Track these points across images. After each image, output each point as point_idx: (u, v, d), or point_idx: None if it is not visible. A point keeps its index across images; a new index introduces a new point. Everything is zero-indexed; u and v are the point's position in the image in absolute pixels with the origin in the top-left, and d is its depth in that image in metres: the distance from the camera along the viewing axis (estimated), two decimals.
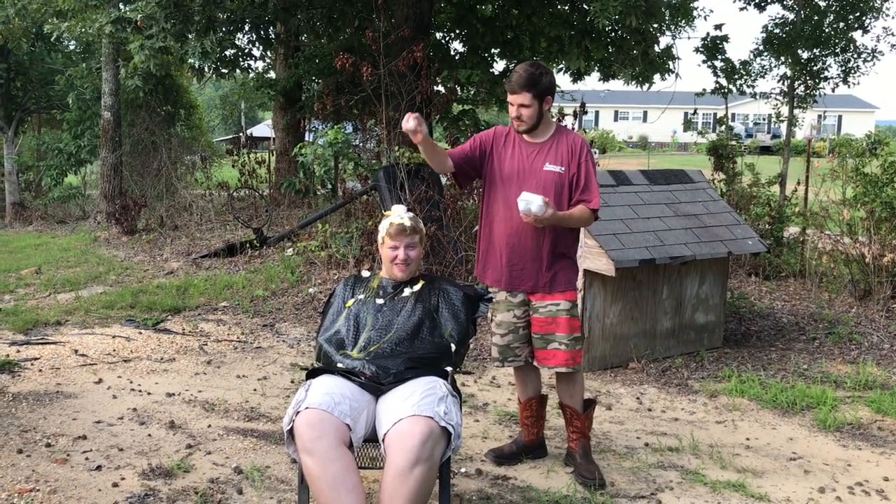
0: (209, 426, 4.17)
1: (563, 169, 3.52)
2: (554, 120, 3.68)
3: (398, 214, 3.33)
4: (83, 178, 16.30)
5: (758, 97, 10.53)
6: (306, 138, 14.33)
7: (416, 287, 3.29)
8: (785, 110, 10.24)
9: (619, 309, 5.36)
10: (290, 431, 2.68)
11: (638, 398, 4.85)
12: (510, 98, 3.51)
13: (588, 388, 4.99)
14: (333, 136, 8.02)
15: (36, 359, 5.30)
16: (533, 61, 3.58)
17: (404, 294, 3.27)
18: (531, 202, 3.31)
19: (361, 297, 3.29)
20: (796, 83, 10.07)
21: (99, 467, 3.60)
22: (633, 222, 5.35)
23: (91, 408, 4.40)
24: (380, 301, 3.25)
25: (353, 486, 2.53)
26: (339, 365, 2.99)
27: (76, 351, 5.49)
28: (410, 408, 2.67)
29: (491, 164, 3.61)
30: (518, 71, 3.49)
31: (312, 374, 2.95)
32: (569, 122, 9.42)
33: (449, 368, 3.03)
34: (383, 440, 2.66)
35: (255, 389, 4.84)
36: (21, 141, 16.54)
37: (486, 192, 3.64)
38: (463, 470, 3.68)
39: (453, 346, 3.11)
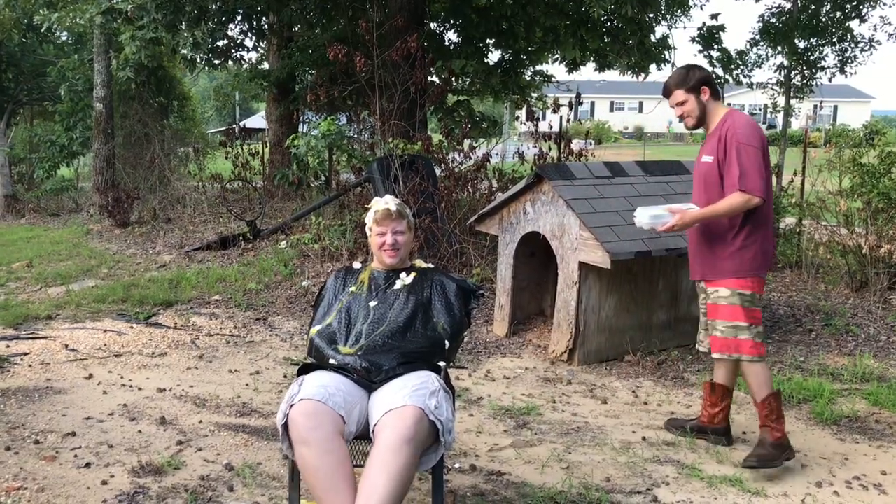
0: (200, 422, 4.13)
1: (712, 159, 3.61)
2: (725, 107, 3.72)
3: (384, 201, 3.30)
4: (76, 170, 16.19)
5: (754, 87, 10.48)
6: (300, 130, 14.25)
7: (409, 279, 3.25)
8: (781, 100, 10.21)
9: (615, 301, 5.32)
10: (284, 426, 2.63)
11: (634, 391, 4.82)
12: (669, 103, 3.74)
13: (583, 382, 4.96)
14: (327, 127, 7.96)
15: (26, 354, 5.24)
16: (684, 66, 3.76)
17: (396, 286, 3.23)
18: (640, 221, 3.63)
19: (353, 289, 3.25)
20: (793, 73, 10.03)
21: (88, 465, 3.55)
22: (629, 214, 5.28)
23: (81, 403, 4.35)
24: (372, 293, 3.21)
25: (348, 476, 2.50)
26: (332, 361, 2.95)
27: (66, 346, 5.44)
28: (401, 399, 2.64)
29: None
30: (667, 78, 3.75)
31: (304, 370, 2.90)
32: (564, 112, 9.38)
33: (442, 364, 2.99)
34: (373, 430, 2.63)
35: (247, 384, 4.80)
36: (13, 133, 16.43)
37: None
38: (457, 465, 3.65)
39: (447, 342, 3.07)
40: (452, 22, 12.23)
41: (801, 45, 9.95)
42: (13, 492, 3.26)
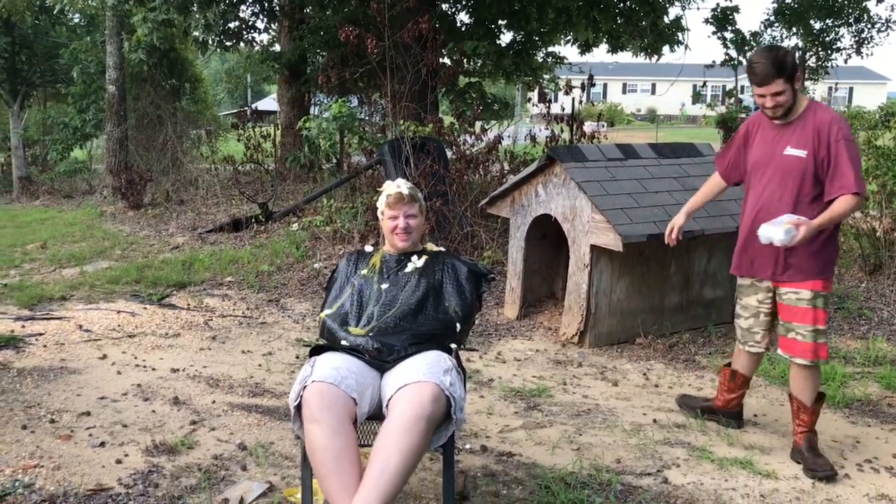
0: (213, 402, 4.16)
1: (805, 153, 3.33)
2: (806, 96, 3.48)
3: (396, 184, 3.29)
4: (89, 152, 16.27)
5: None
6: (311, 112, 14.23)
7: (420, 262, 3.25)
8: None
9: (627, 284, 5.31)
10: (297, 407, 2.65)
11: (645, 374, 4.82)
12: (759, 90, 3.35)
13: (594, 364, 4.97)
14: (338, 109, 7.95)
15: (41, 334, 5.29)
16: (767, 45, 3.47)
17: (408, 269, 3.23)
18: (771, 237, 3.23)
19: (365, 272, 3.25)
20: (808, 54, 9.92)
21: (103, 443, 3.59)
22: (641, 196, 5.29)
23: (95, 383, 4.39)
24: (383, 276, 3.21)
25: (354, 462, 2.51)
26: (343, 342, 2.96)
27: (81, 326, 5.48)
28: (416, 375, 2.66)
29: (745, 156, 3.65)
30: (759, 61, 3.29)
31: (317, 351, 2.91)
32: (576, 94, 9.33)
33: (453, 346, 2.99)
34: (387, 406, 2.64)
35: (259, 365, 4.83)
36: (27, 115, 16.49)
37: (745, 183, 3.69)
38: (468, 446, 3.66)
39: (458, 324, 3.07)
40: (464, 3, 12.16)
41: (817, 25, 9.84)
42: (30, 469, 3.31)
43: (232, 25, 11.13)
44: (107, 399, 4.16)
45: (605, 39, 11.80)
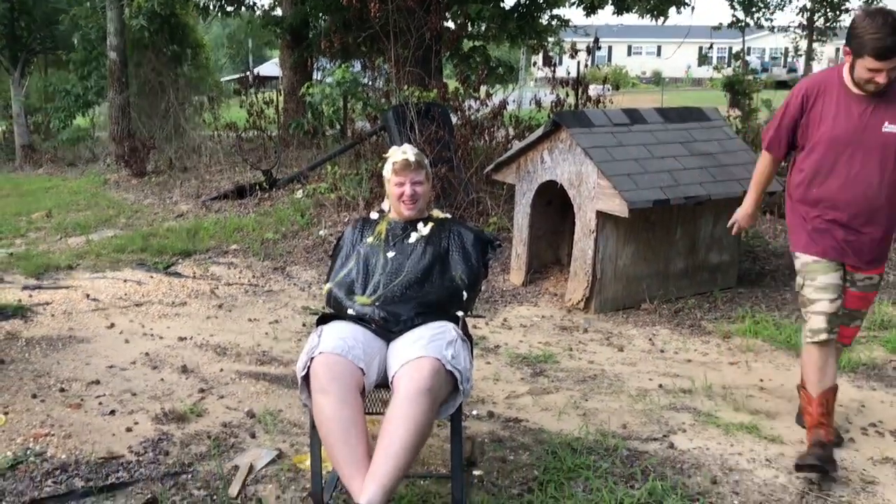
0: (221, 370, 4.19)
1: None
2: None
3: (402, 150, 3.26)
4: (91, 119, 16.18)
5: (775, 30, 10.25)
6: (314, 77, 14.12)
7: (426, 229, 3.24)
8: (803, 44, 9.99)
9: (632, 250, 5.31)
10: (305, 378, 2.66)
11: (650, 339, 4.83)
12: (879, 64, 2.90)
13: (600, 330, 4.98)
14: (341, 75, 7.88)
15: (48, 303, 5.31)
16: (882, 10, 2.95)
17: (414, 237, 3.22)
18: None
19: (370, 239, 3.24)
20: (816, 15, 9.79)
21: (112, 412, 3.62)
22: (648, 162, 5.26)
23: (104, 352, 4.42)
24: (389, 244, 3.20)
25: (362, 432, 2.53)
26: (350, 311, 2.96)
27: (88, 295, 5.51)
28: (419, 349, 2.66)
29: (809, 127, 3.18)
30: (889, 33, 2.87)
31: (324, 320, 2.92)
32: (581, 57, 9.24)
33: (460, 313, 3.00)
34: (392, 381, 2.65)
35: (266, 333, 4.85)
36: (28, 82, 16.39)
37: (805, 155, 3.22)
38: (475, 412, 3.69)
39: (464, 292, 3.07)
40: None
41: None
42: (41, 438, 3.34)
43: None
44: (115, 368, 4.19)
45: (610, 1, 11.64)
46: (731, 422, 3.62)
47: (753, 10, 10.01)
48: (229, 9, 11.55)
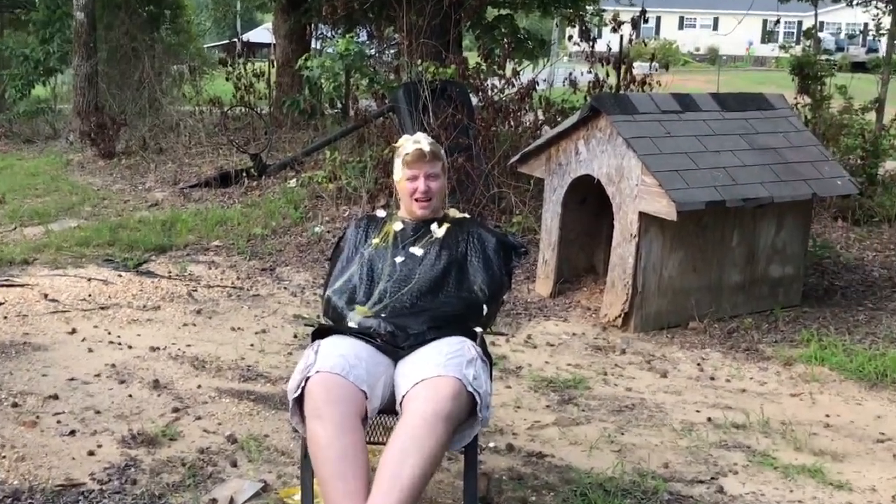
0: (199, 386, 4.22)
1: None
2: None
3: (414, 140, 3.29)
4: (53, 89, 16.28)
5: (853, 4, 10.21)
6: (313, 47, 14.16)
7: (441, 231, 3.26)
8: (887, 21, 9.93)
9: (680, 259, 5.31)
10: (297, 399, 2.68)
11: (699, 364, 4.84)
12: None
13: (640, 351, 4.99)
14: (344, 46, 7.92)
15: (0, 304, 5.37)
16: None
17: (427, 239, 3.24)
18: None
19: (376, 241, 3.27)
20: None
21: (73, 432, 3.66)
22: (701, 156, 5.26)
23: (64, 362, 4.47)
24: (398, 247, 3.23)
25: (361, 465, 2.53)
26: (351, 324, 2.99)
27: (46, 295, 5.56)
28: (434, 368, 2.68)
29: None
30: None
31: (320, 333, 2.95)
32: (625, 30, 9.22)
33: (478, 329, 3.02)
34: (401, 403, 2.67)
35: (252, 344, 4.88)
36: None
37: None
38: (492, 444, 3.70)
39: (484, 305, 3.09)
40: None
41: None
42: None
43: None
44: (77, 381, 4.23)
45: None
46: (791, 463, 3.62)
47: None
48: None
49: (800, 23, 40.60)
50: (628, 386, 4.50)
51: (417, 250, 3.20)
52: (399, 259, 3.19)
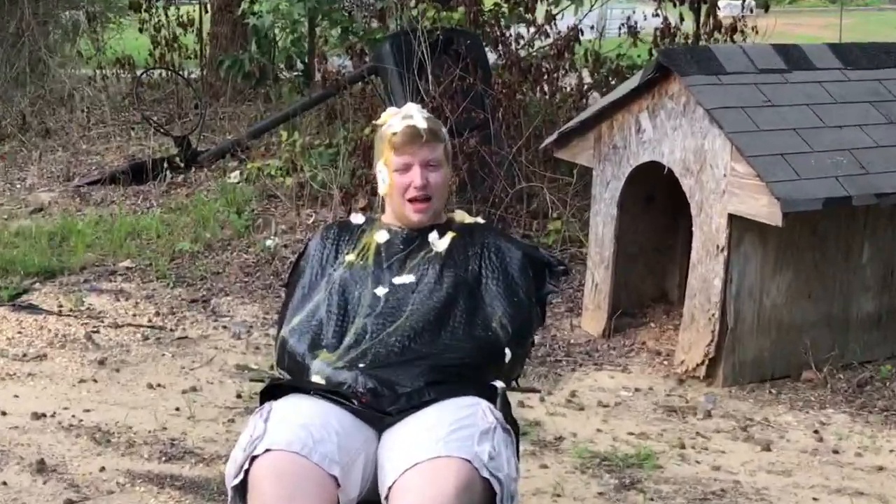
0: (102, 469, 4.22)
1: None
2: None
3: (404, 114, 3.29)
4: None
5: None
6: None
7: (444, 242, 3.26)
8: None
9: (788, 281, 5.30)
10: (239, 488, 2.68)
11: (816, 431, 4.82)
12: None
13: (732, 414, 4.98)
14: None
15: None
16: None
17: (424, 254, 3.24)
18: None
19: (351, 257, 3.26)
20: None
21: None
22: (816, 134, 5.26)
23: None
24: (382, 266, 3.22)
25: None
26: (316, 378, 2.98)
27: None
28: (434, 445, 2.66)
29: None
30: None
31: (272, 392, 2.94)
32: None
33: (499, 384, 3.01)
34: (387, 497, 2.66)
35: (177, 408, 4.88)
36: None
37: None
38: None
39: (507, 349, 3.08)
40: None
41: None
42: None
43: None
44: None
45: None
46: None
47: None
48: None
49: None
50: (716, 463, 4.48)
51: (409, 273, 3.19)
52: (385, 284, 3.18)
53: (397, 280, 3.18)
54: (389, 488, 2.65)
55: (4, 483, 4.08)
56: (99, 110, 11.69)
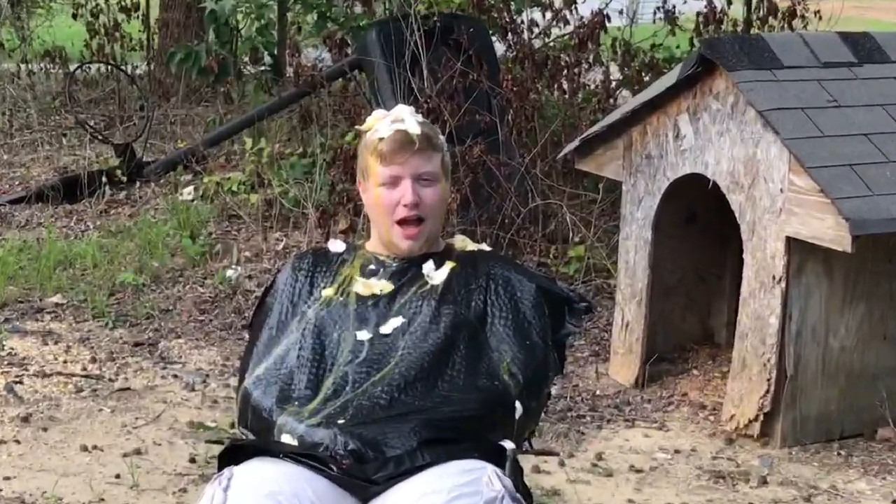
0: None
1: None
2: None
3: (394, 117, 3.29)
4: None
5: None
6: None
7: (441, 274, 3.26)
8: None
9: (860, 319, 5.31)
10: None
11: (895, 502, 4.81)
12: None
13: (792, 480, 4.97)
14: None
15: None
16: None
17: (417, 289, 3.24)
18: None
19: (329, 292, 3.26)
20: None
21: None
22: (892, 140, 5.27)
23: None
24: (366, 303, 3.23)
25: None
26: (286, 438, 2.98)
27: None
28: None
29: None
30: None
31: (232, 455, 2.94)
32: None
33: (508, 445, 3.01)
34: None
35: (117, 476, 4.88)
36: None
37: None
38: None
39: (517, 401, 3.08)
40: None
41: None
42: None
43: None
44: None
45: None
46: None
47: None
48: None
49: None
50: None
51: (399, 312, 3.20)
52: (369, 326, 3.18)
53: (385, 320, 3.18)
54: None
55: None
56: (24, 113, 11.72)
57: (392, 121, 3.28)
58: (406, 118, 3.29)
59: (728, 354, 5.63)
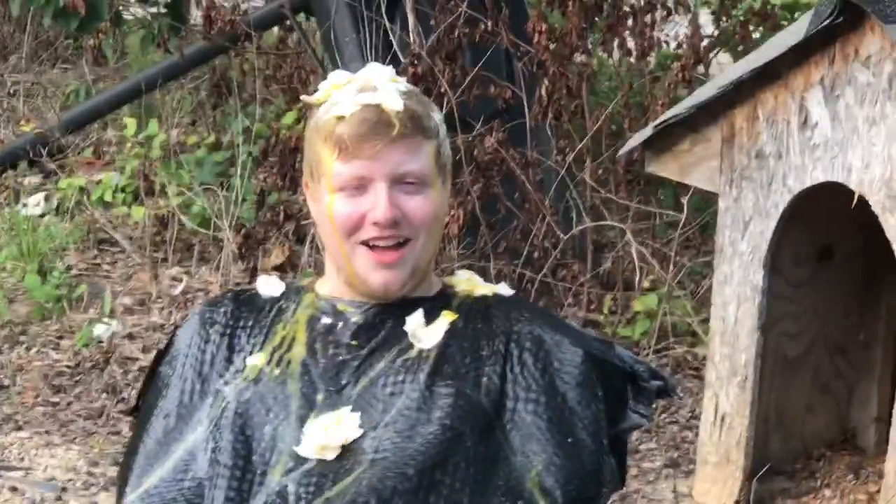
0: None
1: None
2: None
3: (362, 83, 3.22)
4: None
5: None
6: None
7: (436, 332, 3.25)
8: None
9: None
10: None
11: None
12: None
13: None
14: None
15: None
16: None
17: (396, 354, 3.24)
18: None
19: (259, 361, 3.24)
20: None
21: None
22: None
23: None
24: (314, 374, 3.23)
25: None
26: None
27: None
28: None
29: None
30: None
31: None
32: None
33: None
34: None
35: None
36: None
37: None
38: None
39: None
40: None
41: None
42: None
43: None
44: None
45: None
46: None
47: None
48: None
49: None
50: None
51: (369, 391, 3.20)
52: (320, 412, 3.19)
53: (345, 405, 3.18)
54: None
55: None
56: None
57: (359, 89, 3.21)
58: (381, 86, 3.23)
59: (878, 465, 5.66)
